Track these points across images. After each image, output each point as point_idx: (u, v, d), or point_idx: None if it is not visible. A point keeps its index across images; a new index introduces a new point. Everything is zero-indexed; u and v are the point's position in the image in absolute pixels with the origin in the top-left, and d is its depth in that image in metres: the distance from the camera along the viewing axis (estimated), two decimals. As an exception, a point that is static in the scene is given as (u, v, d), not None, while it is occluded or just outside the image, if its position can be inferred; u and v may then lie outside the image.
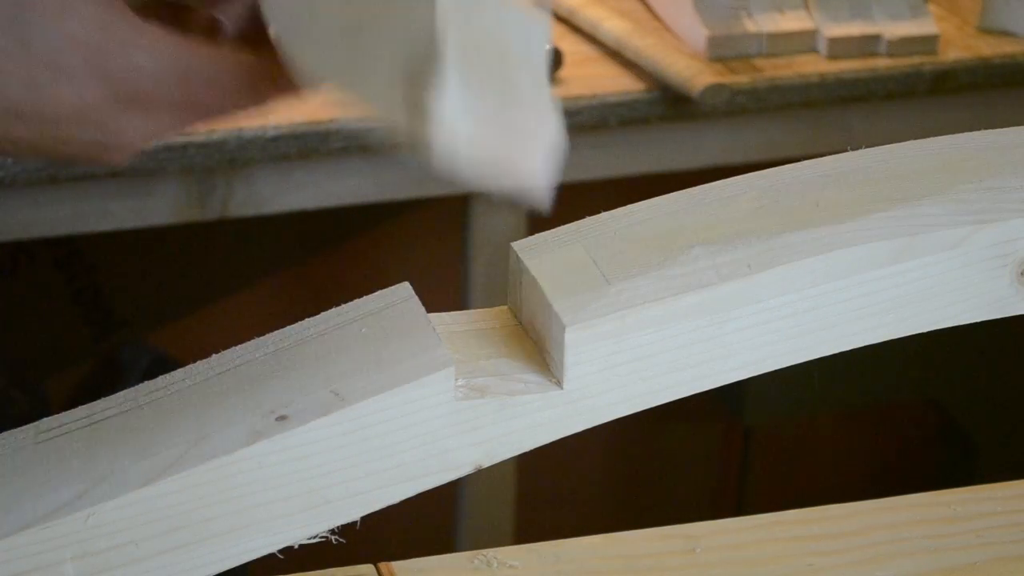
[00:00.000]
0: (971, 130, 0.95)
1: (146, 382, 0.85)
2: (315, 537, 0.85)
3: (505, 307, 0.89)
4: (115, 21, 0.72)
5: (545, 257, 0.85)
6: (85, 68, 0.72)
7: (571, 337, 0.82)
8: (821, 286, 0.86)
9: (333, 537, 0.85)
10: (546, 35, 0.74)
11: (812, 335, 0.87)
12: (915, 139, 0.94)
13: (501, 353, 0.85)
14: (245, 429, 0.80)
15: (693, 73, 1.79)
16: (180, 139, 1.64)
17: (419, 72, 0.71)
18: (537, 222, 0.91)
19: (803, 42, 1.91)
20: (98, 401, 0.84)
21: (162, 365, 2.11)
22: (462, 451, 0.84)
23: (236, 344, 0.86)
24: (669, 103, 1.83)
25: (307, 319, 0.87)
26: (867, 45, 1.90)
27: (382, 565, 0.97)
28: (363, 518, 0.83)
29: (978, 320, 0.90)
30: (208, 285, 2.20)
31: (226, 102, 0.75)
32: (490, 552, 0.97)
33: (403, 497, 0.84)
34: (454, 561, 0.98)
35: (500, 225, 1.87)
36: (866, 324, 0.87)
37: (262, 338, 0.87)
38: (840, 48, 1.89)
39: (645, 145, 1.88)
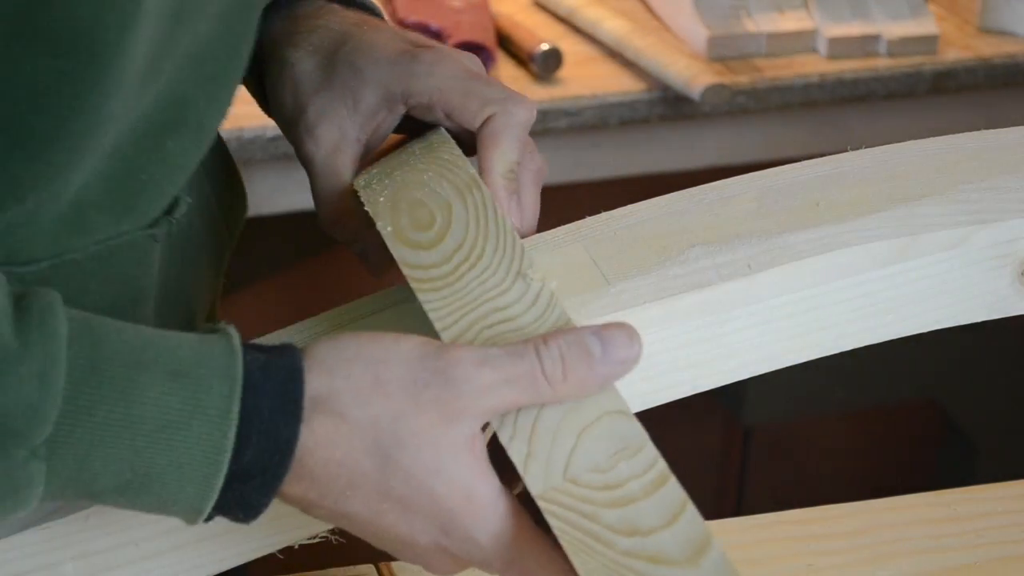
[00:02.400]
0: (971, 130, 0.95)
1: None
2: (315, 537, 0.85)
3: (505, 307, 0.88)
4: (477, 494, 0.75)
5: (545, 257, 0.85)
6: (434, 520, 0.75)
7: (571, 337, 0.82)
8: (821, 286, 0.86)
9: (333, 537, 0.85)
10: None
11: (812, 335, 0.87)
12: (915, 139, 0.94)
13: (501, 353, 0.85)
14: (245, 429, 0.80)
15: (693, 73, 1.79)
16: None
17: None
18: (537, 222, 0.90)
19: (803, 42, 1.91)
20: (98, 401, 0.84)
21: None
22: (462, 451, 0.84)
23: (236, 344, 0.86)
24: (669, 103, 1.83)
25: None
26: (867, 45, 1.90)
27: (382, 565, 0.97)
28: (363, 518, 0.83)
29: (978, 320, 0.90)
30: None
31: None
32: (490, 552, 0.97)
33: (403, 497, 0.84)
34: (454, 561, 0.98)
35: (500, 225, 1.87)
36: (866, 324, 0.87)
37: (272, 335, 0.87)
38: (840, 48, 1.89)
39: (645, 145, 1.88)
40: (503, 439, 0.74)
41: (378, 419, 0.74)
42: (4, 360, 0.69)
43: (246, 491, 0.73)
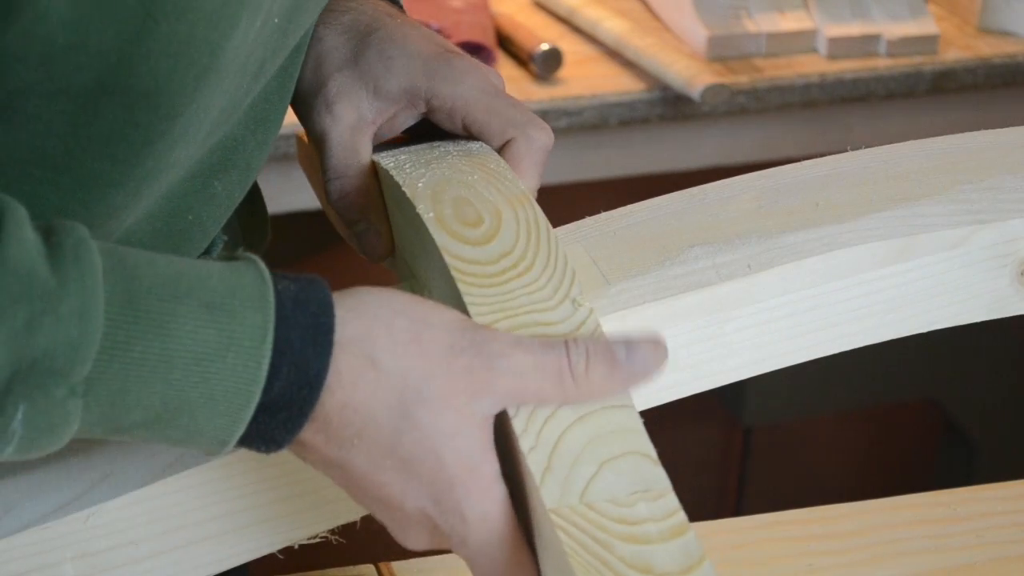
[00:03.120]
0: (971, 130, 0.95)
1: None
2: (315, 537, 0.85)
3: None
4: (482, 463, 0.75)
5: (545, 257, 0.85)
6: (430, 486, 0.75)
7: (571, 337, 0.82)
8: (821, 286, 0.86)
9: (333, 537, 0.85)
10: None
11: (812, 335, 0.87)
12: (915, 139, 0.94)
13: (501, 353, 0.85)
14: (245, 429, 0.80)
15: (693, 73, 1.79)
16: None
17: None
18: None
19: (803, 42, 1.91)
20: (98, 401, 0.84)
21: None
22: (462, 451, 0.84)
23: (236, 344, 0.86)
24: (669, 103, 1.83)
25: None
26: (867, 45, 1.90)
27: (382, 565, 0.97)
28: (363, 518, 0.83)
29: (978, 320, 0.90)
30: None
31: None
32: (490, 552, 0.97)
33: (403, 497, 0.84)
34: (454, 561, 0.98)
35: (500, 225, 1.86)
36: (866, 324, 0.87)
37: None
38: (840, 48, 1.89)
39: (645, 145, 1.88)
40: (524, 447, 0.73)
41: (408, 373, 0.74)
42: (43, 299, 0.68)
43: (272, 424, 0.73)
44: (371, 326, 0.74)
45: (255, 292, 0.73)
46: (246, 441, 0.74)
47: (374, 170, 0.91)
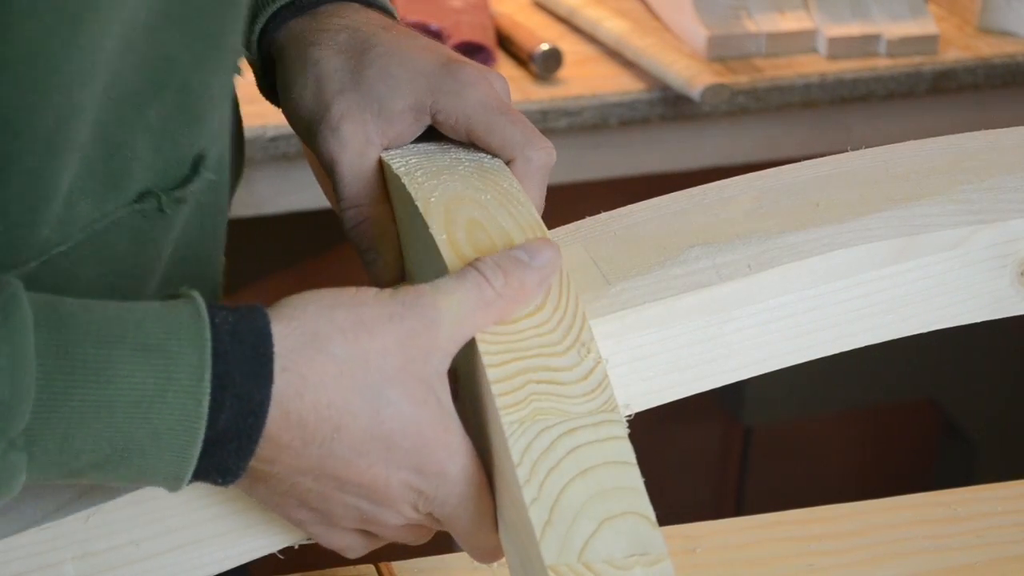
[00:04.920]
0: (971, 130, 0.95)
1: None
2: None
3: (505, 307, 0.88)
4: (443, 424, 0.77)
5: (545, 257, 0.85)
6: (415, 455, 0.77)
7: (571, 337, 0.82)
8: (821, 286, 0.86)
9: (333, 537, 0.85)
10: None
11: (812, 335, 0.87)
12: (915, 139, 0.94)
13: (501, 353, 0.85)
14: (245, 429, 0.80)
15: (693, 73, 1.79)
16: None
17: None
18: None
19: (803, 42, 1.91)
20: (98, 401, 0.84)
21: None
22: (462, 451, 0.84)
23: (236, 344, 0.85)
24: (669, 103, 1.83)
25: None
26: (867, 45, 1.90)
27: (382, 565, 0.97)
28: (363, 518, 0.83)
29: (978, 320, 0.90)
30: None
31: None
32: (490, 552, 0.97)
33: (403, 497, 0.84)
34: (454, 561, 0.98)
35: (500, 225, 1.86)
36: (866, 324, 0.87)
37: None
38: (840, 48, 1.89)
39: (645, 145, 1.88)
40: (526, 498, 0.73)
41: (367, 356, 0.75)
42: None
43: (223, 455, 0.74)
44: (316, 326, 0.75)
45: (191, 330, 0.73)
46: (202, 475, 0.75)
47: (383, 179, 0.90)
